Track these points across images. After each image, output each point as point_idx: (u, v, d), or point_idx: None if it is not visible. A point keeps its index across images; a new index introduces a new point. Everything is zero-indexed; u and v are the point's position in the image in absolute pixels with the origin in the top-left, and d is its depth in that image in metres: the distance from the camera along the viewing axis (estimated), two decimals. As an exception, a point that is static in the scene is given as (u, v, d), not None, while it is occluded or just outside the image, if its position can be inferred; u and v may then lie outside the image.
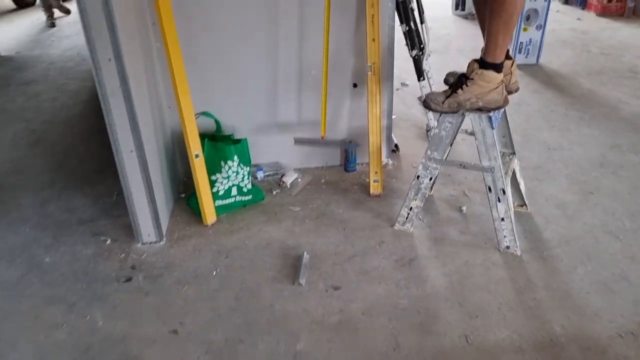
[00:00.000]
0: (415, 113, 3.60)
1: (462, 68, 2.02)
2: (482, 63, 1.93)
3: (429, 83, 3.21)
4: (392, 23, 2.55)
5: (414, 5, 2.89)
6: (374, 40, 2.44)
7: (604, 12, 5.95)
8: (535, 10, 4.23)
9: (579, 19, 5.94)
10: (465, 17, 6.18)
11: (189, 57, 2.31)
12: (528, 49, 4.38)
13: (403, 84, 4.10)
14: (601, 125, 3.29)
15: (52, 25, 6.53)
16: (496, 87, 1.94)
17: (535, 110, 3.53)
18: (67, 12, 6.65)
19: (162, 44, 2.17)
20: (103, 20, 1.80)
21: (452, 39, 5.42)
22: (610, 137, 3.14)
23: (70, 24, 6.59)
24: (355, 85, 2.68)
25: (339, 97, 2.71)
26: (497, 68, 1.93)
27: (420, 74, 3.00)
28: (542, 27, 4.35)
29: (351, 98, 2.72)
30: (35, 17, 6.94)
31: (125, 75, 1.90)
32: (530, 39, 4.34)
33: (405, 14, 2.83)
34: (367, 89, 2.54)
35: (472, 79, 1.95)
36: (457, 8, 6.28)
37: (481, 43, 1.93)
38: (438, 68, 3.33)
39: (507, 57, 2.05)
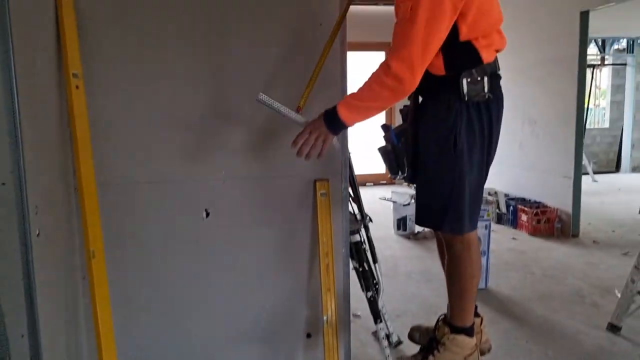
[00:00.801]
0: (372, 353, 3.31)
1: (413, 294, 1.88)
2: (452, 327, 1.78)
3: (385, 320, 3.04)
4: (347, 269, 2.44)
5: (366, 245, 2.85)
6: (329, 289, 2.28)
7: (535, 232, 6.30)
8: (478, 238, 4.36)
9: (514, 238, 6.22)
10: (408, 237, 6.33)
11: (118, 310, 2.03)
12: (476, 275, 4.39)
13: (355, 315, 3.88)
14: (569, 363, 3.12)
15: None
16: (470, 353, 1.76)
17: (497, 345, 3.32)
18: None
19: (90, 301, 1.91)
20: (22, 293, 1.54)
21: (398, 260, 5.43)
22: (581, 377, 2.94)
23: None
24: (309, 336, 2.44)
25: (291, 349, 2.43)
26: (469, 332, 1.78)
27: (377, 316, 2.82)
28: (486, 253, 4.43)
29: (304, 350, 2.45)
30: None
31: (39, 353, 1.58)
32: (477, 265, 4.38)
33: (358, 254, 2.77)
34: (322, 342, 2.29)
35: (444, 343, 1.77)
36: (399, 228, 6.46)
37: (427, 265, 1.83)
38: (389, 293, 3.19)
39: (476, 314, 1.92)
